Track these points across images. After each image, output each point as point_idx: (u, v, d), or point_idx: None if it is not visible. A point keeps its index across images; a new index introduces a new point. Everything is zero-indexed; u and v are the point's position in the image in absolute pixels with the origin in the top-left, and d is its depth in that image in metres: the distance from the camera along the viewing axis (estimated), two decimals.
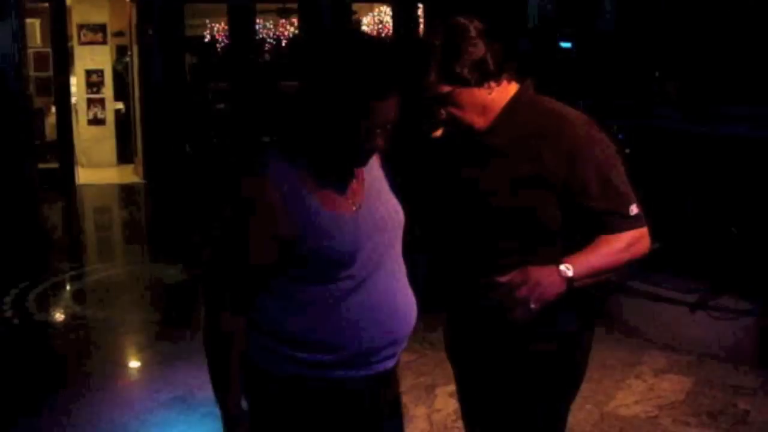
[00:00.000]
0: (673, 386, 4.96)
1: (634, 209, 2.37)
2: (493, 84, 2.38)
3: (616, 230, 2.36)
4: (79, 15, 13.25)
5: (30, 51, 12.42)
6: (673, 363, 5.28)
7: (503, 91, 2.42)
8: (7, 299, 6.71)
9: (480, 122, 2.41)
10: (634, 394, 4.86)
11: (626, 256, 2.38)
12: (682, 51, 7.14)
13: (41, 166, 12.09)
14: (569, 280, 2.29)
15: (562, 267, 2.29)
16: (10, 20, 9.75)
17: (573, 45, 9.14)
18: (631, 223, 2.36)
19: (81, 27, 13.32)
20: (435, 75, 2.33)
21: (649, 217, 2.44)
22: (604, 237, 2.36)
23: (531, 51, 9.41)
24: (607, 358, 5.33)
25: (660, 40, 7.59)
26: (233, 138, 11.75)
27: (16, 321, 6.29)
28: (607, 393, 4.85)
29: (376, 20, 14.39)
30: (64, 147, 12.35)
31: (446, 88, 2.35)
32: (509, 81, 2.44)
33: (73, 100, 12.96)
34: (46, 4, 12.25)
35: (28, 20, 12.42)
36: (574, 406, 4.60)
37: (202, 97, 13.19)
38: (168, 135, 11.59)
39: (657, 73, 7.03)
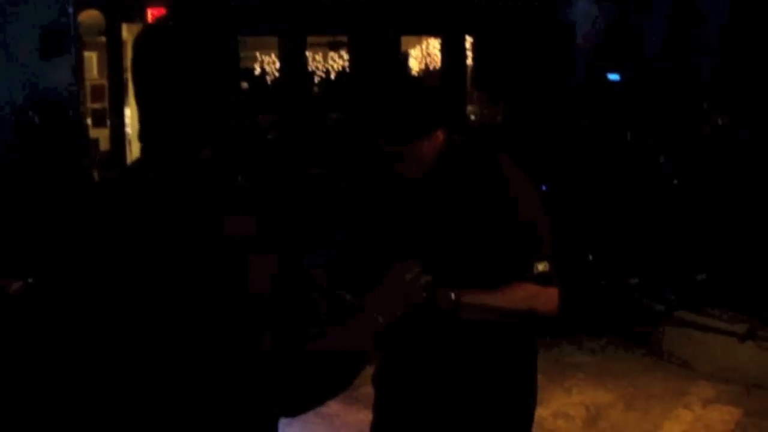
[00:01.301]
0: (722, 417, 4.94)
1: (539, 268, 2.36)
2: (432, 134, 2.41)
3: (517, 281, 2.36)
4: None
5: (87, 83, 12.75)
6: (721, 393, 5.26)
7: (436, 139, 2.44)
8: None
9: (417, 172, 2.44)
10: (682, 424, 4.85)
11: (526, 306, 2.38)
12: (730, 83, 7.17)
13: None
14: (455, 304, 2.31)
15: (452, 292, 2.31)
16: (69, 55, 10.05)
17: (621, 77, 9.20)
18: (533, 279, 2.36)
19: None
20: (387, 136, 2.38)
21: (695, 248, 2.47)
22: (511, 284, 2.36)
23: (580, 84, 9.48)
24: (655, 388, 5.34)
25: (708, 72, 7.63)
26: (284, 168, 11.91)
27: None
28: (654, 423, 4.85)
29: (425, 53, 14.52)
30: None
31: (396, 148, 2.39)
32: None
33: (128, 130, 13.24)
34: (103, 39, 12.57)
35: (86, 53, 12.76)
36: None
37: (252, 128, 13.38)
38: None
39: (705, 105, 7.06)
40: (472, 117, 11.60)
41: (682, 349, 5.77)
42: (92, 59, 13.53)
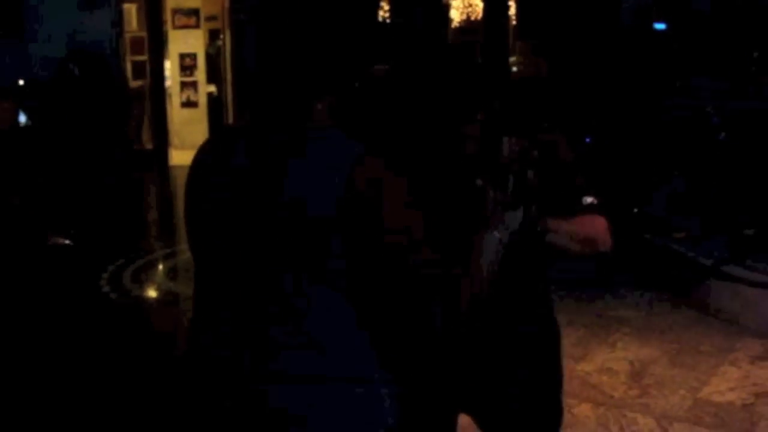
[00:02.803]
0: None
1: (587, 200, 2.37)
2: None
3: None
4: (173, 0, 13.51)
5: (127, 35, 12.75)
6: None
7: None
8: (105, 275, 6.92)
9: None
10: (729, 380, 4.76)
11: (590, 231, 2.37)
12: None
13: (137, 147, 12.46)
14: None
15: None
16: (109, 6, 10.05)
17: (667, 26, 8.97)
18: (582, 210, 2.38)
19: (175, 11, 13.56)
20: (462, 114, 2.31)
21: (743, 201, 2.38)
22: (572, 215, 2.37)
23: (625, 34, 9.26)
24: (701, 344, 5.24)
25: (757, 19, 7.40)
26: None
27: (113, 296, 6.49)
28: (700, 379, 4.76)
29: (466, 3, 14.31)
30: (159, 129, 12.62)
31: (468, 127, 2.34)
32: None
33: (167, 83, 13.23)
34: None
35: (125, 6, 12.74)
36: (667, 391, 4.58)
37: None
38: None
39: (756, 54, 6.85)
40: (515, 69, 11.41)
41: (728, 304, 5.65)
42: (131, 11, 13.50)
